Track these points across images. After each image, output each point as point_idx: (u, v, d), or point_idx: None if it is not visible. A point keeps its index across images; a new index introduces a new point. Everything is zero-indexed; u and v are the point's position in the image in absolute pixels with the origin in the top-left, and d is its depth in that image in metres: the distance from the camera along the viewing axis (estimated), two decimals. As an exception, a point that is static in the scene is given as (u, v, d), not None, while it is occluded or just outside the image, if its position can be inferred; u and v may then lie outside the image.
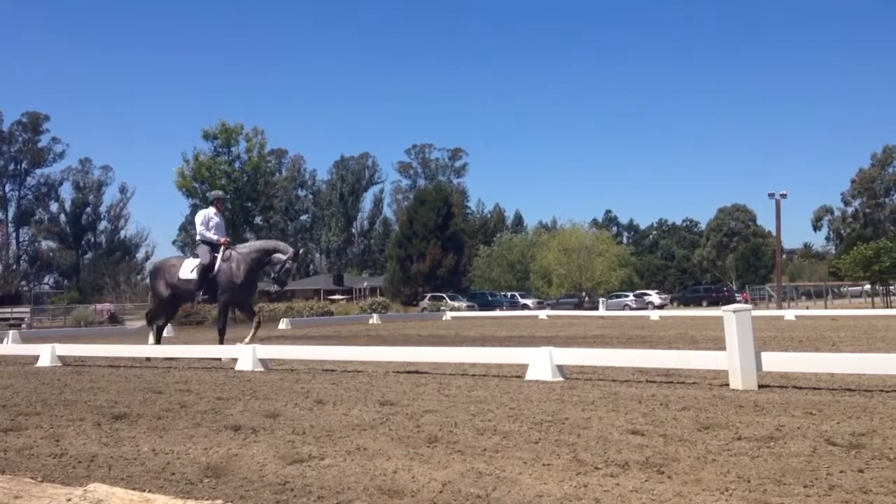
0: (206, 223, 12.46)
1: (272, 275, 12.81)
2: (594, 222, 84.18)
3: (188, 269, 12.23)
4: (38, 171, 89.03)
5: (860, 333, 14.73)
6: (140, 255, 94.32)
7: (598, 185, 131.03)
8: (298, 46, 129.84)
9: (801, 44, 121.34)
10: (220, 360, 10.76)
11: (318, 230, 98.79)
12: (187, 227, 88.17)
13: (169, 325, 23.89)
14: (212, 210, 12.75)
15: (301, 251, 14.72)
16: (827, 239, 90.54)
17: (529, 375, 7.96)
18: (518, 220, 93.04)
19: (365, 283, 69.44)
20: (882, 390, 6.55)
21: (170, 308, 13.24)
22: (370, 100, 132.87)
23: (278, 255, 12.29)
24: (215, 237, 12.40)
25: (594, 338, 14.80)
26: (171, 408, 6.48)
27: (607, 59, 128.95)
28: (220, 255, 12.15)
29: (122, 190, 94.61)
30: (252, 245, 12.83)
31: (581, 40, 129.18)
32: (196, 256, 12.43)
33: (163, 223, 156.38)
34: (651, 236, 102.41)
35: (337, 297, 58.78)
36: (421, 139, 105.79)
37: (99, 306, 38.34)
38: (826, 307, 40.07)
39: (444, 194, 70.09)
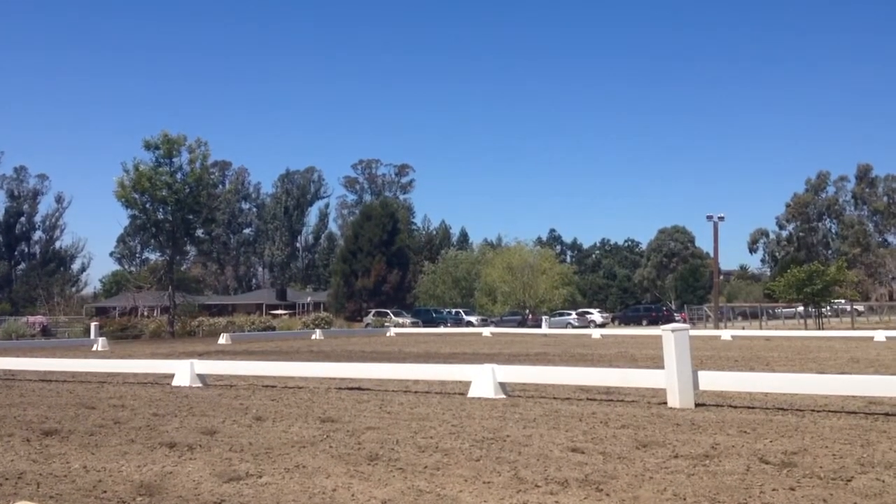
0: None
1: None
2: (538, 241, 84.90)
3: None
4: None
5: (793, 354, 15.12)
6: (76, 266, 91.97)
7: (543, 203, 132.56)
8: (244, 58, 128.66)
9: (739, 71, 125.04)
10: None
11: (262, 244, 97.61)
12: (125, 238, 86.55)
13: (103, 338, 23.47)
14: None
15: None
16: (762, 261, 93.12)
17: (472, 392, 7.97)
18: (464, 236, 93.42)
19: (308, 298, 68.82)
20: (813, 410, 6.72)
21: None
22: (317, 114, 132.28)
23: None
24: None
25: (537, 355, 14.88)
26: (104, 424, 6.31)
27: (554, 78, 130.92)
28: None
29: (59, 199, 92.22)
30: None
31: (527, 58, 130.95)
32: None
33: (100, 234, 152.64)
34: (594, 256, 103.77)
35: (280, 311, 58.04)
36: (368, 154, 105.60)
37: (31, 319, 37.22)
38: (761, 328, 41.06)
39: (389, 210, 70.06)
